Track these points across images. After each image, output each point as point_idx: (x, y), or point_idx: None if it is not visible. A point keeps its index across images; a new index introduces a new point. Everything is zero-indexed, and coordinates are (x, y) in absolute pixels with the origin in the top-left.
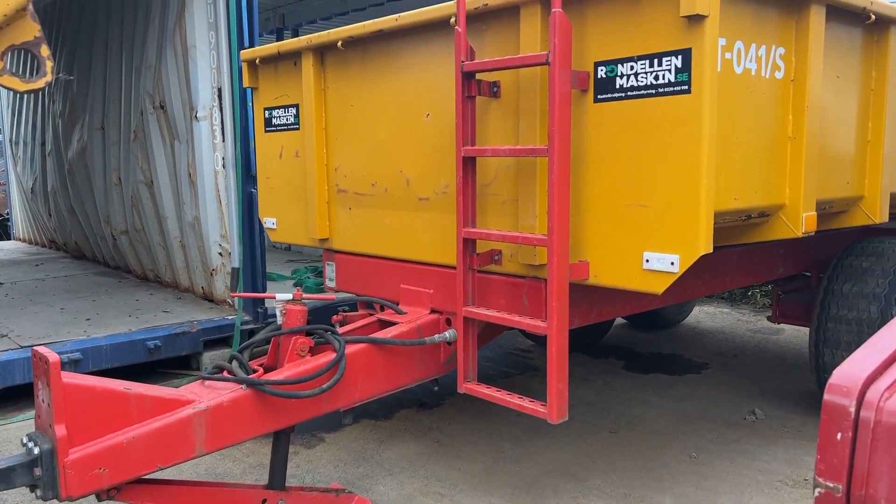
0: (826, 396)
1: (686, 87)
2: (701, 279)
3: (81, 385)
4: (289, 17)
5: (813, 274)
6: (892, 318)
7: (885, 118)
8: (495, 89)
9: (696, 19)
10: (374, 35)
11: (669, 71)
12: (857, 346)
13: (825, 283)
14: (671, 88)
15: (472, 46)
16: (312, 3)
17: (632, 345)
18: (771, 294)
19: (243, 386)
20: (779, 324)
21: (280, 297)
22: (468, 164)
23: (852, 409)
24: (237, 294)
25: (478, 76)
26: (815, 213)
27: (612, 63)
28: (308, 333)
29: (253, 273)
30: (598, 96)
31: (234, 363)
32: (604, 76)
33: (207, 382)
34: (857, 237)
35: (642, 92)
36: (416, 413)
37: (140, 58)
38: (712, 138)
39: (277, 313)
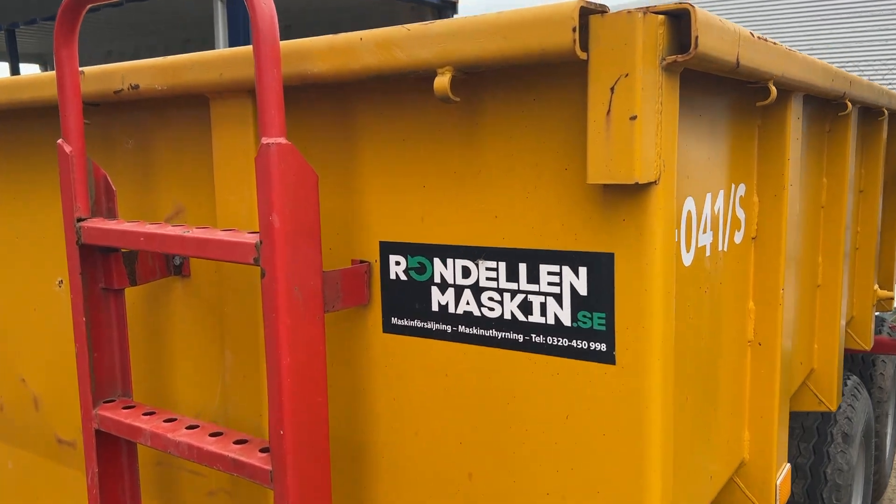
0: None
1: (604, 348)
2: None
3: None
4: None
5: None
6: None
7: (842, 247)
8: (178, 262)
9: (632, 192)
10: None
11: (559, 300)
12: None
13: None
14: (564, 342)
15: (110, 181)
16: None
17: None
18: None
19: None
20: None
21: None
22: (105, 442)
23: None
24: None
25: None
26: (789, 465)
27: (420, 252)
28: None
29: None
30: (394, 320)
31: None
32: (402, 277)
33: None
34: None
35: (493, 334)
36: None
37: None
38: (667, 452)
39: None
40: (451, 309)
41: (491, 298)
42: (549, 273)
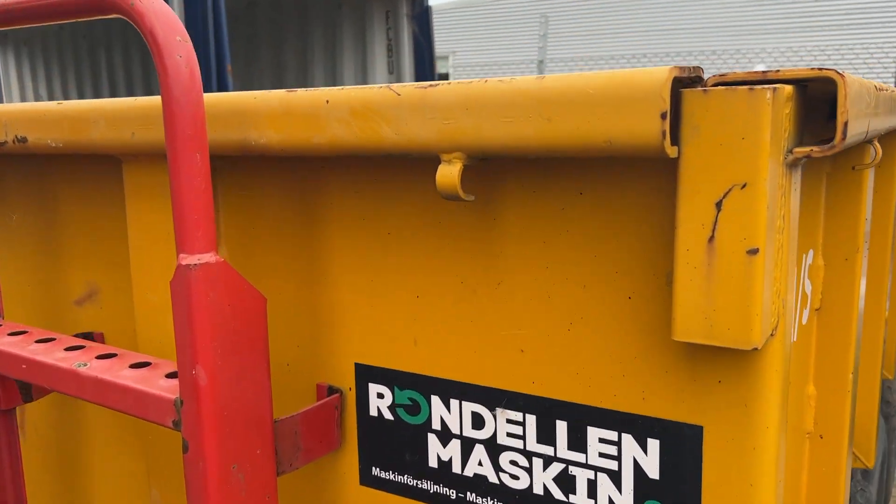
0: None
1: None
2: None
3: None
4: None
5: None
6: None
7: (885, 289)
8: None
9: (739, 358)
10: None
11: (616, 480)
12: None
13: None
14: None
15: None
16: None
17: None
18: None
19: None
20: None
21: None
22: None
23: None
24: None
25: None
26: None
27: (413, 385)
28: None
29: None
30: (375, 470)
31: None
32: (387, 415)
33: None
34: None
35: None
36: None
37: None
38: None
39: None
40: (457, 468)
41: (514, 462)
42: (602, 441)
